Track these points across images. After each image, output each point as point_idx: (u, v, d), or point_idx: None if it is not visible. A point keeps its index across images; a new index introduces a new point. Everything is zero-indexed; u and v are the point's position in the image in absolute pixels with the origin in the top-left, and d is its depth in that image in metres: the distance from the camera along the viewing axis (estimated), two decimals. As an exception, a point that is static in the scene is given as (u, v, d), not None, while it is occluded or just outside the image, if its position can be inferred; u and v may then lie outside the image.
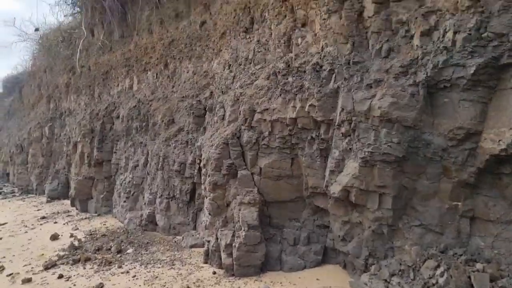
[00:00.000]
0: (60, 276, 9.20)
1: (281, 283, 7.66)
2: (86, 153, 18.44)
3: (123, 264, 9.63)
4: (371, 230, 6.96)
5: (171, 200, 12.25)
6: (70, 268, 9.84)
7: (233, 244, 8.13)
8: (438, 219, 6.40)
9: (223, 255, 8.27)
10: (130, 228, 13.48)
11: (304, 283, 7.57)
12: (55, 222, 16.15)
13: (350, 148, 7.15)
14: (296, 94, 8.12)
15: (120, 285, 8.21)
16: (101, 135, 17.55)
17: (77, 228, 14.52)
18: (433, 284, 5.54)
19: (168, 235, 12.13)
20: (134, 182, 14.23)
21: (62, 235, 13.64)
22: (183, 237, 11.16)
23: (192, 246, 10.54)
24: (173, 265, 9.17)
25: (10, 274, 9.89)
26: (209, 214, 8.97)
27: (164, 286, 7.90)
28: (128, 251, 10.70)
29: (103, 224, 14.96)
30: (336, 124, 7.44)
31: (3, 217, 18.44)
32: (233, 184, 8.75)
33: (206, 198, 9.38)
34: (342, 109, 7.17)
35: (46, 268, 10.04)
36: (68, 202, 21.22)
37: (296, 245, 8.34)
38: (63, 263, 10.31)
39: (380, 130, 6.59)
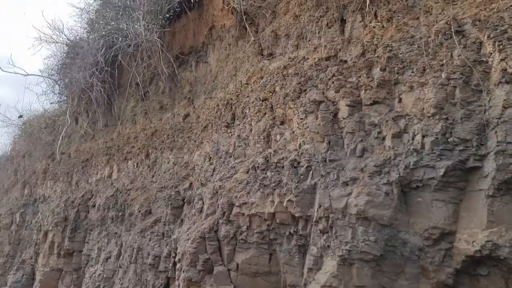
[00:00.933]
0: None
1: None
2: (57, 243, 17.63)
3: None
4: (352, 334, 6.65)
5: None
6: None
7: None
8: (420, 323, 6.20)
9: None
10: None
11: None
12: None
13: (328, 245, 7.10)
14: (275, 189, 8.22)
15: None
16: (74, 224, 16.99)
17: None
18: None
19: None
20: (104, 276, 13.51)
21: None
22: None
23: None
24: None
25: None
26: (182, 313, 8.47)
27: None
28: None
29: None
30: (314, 220, 7.47)
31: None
32: (208, 281, 8.41)
33: (180, 295, 8.93)
34: (320, 206, 7.26)
35: None
36: (31, 296, 19.80)
37: None
38: None
39: (357, 228, 6.63)
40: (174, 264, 10.71)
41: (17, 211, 25.75)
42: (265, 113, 9.84)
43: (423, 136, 6.58)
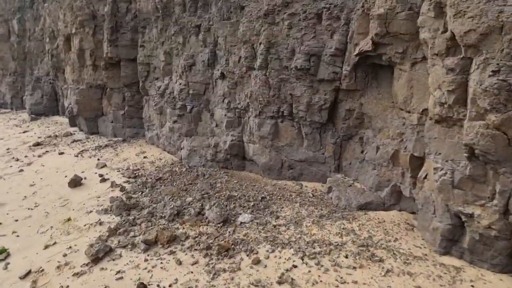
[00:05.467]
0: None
1: None
2: (89, 50, 12.60)
3: (256, 254, 4.83)
4: None
5: (282, 121, 7.15)
6: (147, 264, 4.99)
7: None
8: None
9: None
10: (194, 165, 8.52)
11: None
12: (61, 153, 10.89)
13: None
14: None
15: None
16: (113, 21, 11.56)
17: (104, 165, 9.37)
18: None
19: (278, 179, 7.29)
20: (191, 91, 8.88)
21: (85, 178, 8.55)
22: (330, 189, 6.30)
23: (361, 208, 5.76)
24: (379, 261, 4.41)
25: (25, 275, 5.07)
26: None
27: None
28: (243, 219, 5.82)
29: (143, 157, 9.84)
30: None
31: (-23, 145, 12.94)
32: None
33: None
34: None
35: (95, 260, 5.20)
36: (61, 119, 15.80)
37: None
38: (123, 246, 5.48)
39: None
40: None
41: (13, 17, 19.79)
42: None
43: None
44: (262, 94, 7.18)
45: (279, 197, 6.52)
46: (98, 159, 9.86)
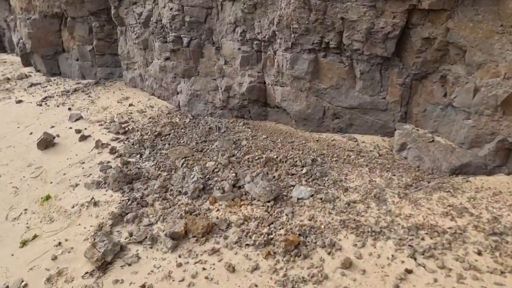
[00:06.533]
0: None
1: None
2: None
3: (340, 251, 3.39)
4: None
5: (325, 55, 5.42)
6: (183, 271, 3.46)
7: None
8: None
9: None
10: (198, 114, 6.77)
11: None
12: (19, 101, 8.69)
13: None
14: None
15: None
16: None
17: (80, 117, 7.38)
18: None
19: (318, 131, 5.71)
20: (187, 18, 6.82)
21: (58, 136, 6.62)
22: (404, 146, 4.81)
23: (454, 171, 4.35)
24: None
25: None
26: None
27: None
28: (299, 194, 4.27)
29: (128, 105, 7.89)
30: None
31: None
32: None
33: None
34: None
35: (102, 266, 3.61)
36: (11, 58, 13.22)
37: None
38: (139, 242, 3.95)
39: None
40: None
41: None
42: None
43: None
44: (299, 19, 5.32)
45: (334, 159, 4.97)
46: (69, 109, 7.81)
